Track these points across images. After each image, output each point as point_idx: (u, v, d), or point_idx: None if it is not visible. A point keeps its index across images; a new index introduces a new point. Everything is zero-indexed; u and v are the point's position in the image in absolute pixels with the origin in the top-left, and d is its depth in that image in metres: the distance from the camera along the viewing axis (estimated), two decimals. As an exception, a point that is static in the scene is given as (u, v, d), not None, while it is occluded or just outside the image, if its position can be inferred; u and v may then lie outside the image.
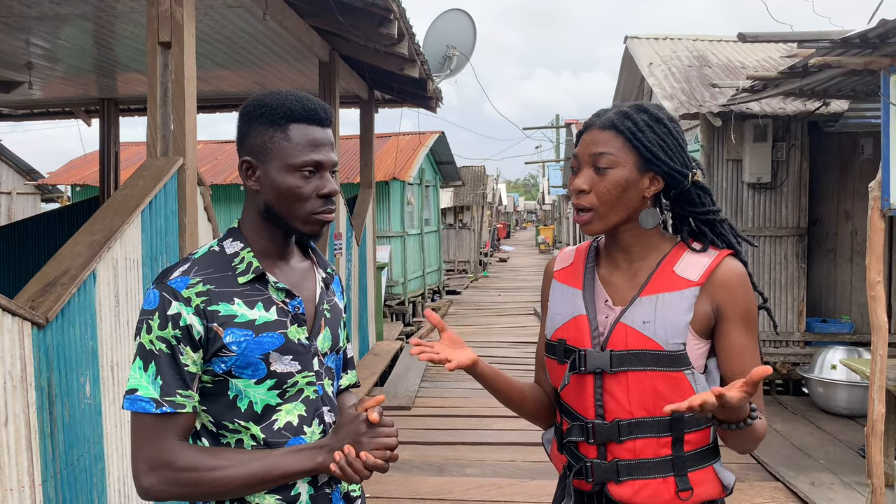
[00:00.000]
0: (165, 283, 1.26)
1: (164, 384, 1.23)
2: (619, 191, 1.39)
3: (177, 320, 1.23)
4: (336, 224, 6.39)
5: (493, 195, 28.33)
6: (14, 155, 16.32)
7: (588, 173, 1.41)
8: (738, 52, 7.98)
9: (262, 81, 7.11)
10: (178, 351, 1.24)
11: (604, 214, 1.41)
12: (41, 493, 2.19)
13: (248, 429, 1.29)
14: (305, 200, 1.29)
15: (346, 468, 1.23)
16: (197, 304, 1.25)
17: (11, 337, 2.09)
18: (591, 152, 1.41)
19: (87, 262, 2.50)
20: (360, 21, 4.90)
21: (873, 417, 3.53)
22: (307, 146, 1.29)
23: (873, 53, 3.69)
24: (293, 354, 1.31)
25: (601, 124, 1.42)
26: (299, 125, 1.29)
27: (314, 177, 1.30)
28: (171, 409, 1.23)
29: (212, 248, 1.34)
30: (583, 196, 1.41)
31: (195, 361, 1.25)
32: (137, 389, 1.23)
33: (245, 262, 1.31)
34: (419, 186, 13.25)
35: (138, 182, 2.97)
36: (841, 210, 6.62)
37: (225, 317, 1.26)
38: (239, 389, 1.28)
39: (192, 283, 1.26)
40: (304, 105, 1.29)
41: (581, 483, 1.45)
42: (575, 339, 1.44)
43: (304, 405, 1.33)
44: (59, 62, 6.32)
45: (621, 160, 1.39)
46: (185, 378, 1.24)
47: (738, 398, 1.18)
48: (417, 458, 4.82)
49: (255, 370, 1.28)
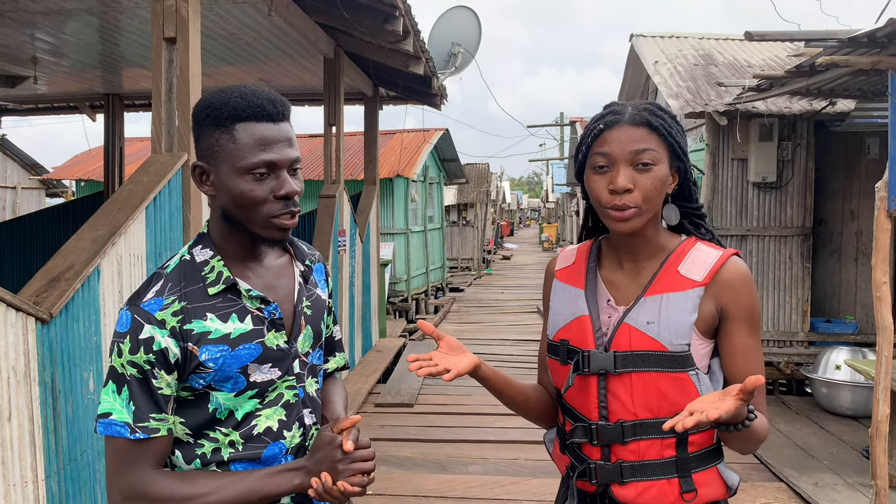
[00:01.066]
0: (138, 305, 1.21)
1: (137, 409, 1.19)
2: (662, 187, 1.38)
3: (149, 344, 1.19)
4: (340, 221, 6.39)
5: (497, 193, 28.32)
6: (19, 150, 16.36)
7: (628, 171, 1.35)
8: (745, 51, 7.95)
9: (266, 77, 7.11)
10: (150, 375, 1.19)
11: (646, 211, 1.37)
12: (44, 489, 2.19)
13: (228, 435, 1.26)
14: (261, 204, 1.21)
15: (324, 495, 1.21)
16: (172, 325, 1.20)
17: (15, 332, 2.09)
18: (633, 149, 1.35)
19: (92, 257, 2.50)
20: (366, 17, 4.90)
21: (878, 418, 3.52)
22: (255, 146, 1.20)
23: (881, 53, 3.67)
24: (272, 361, 1.28)
25: (632, 121, 1.37)
26: (245, 124, 1.20)
27: (269, 178, 1.21)
28: (144, 436, 1.19)
29: (183, 258, 1.29)
30: (627, 195, 1.35)
31: (169, 384, 1.21)
32: (111, 413, 1.19)
33: (215, 271, 1.26)
34: (423, 183, 13.25)
35: (143, 178, 2.97)
36: (846, 210, 6.59)
37: (199, 334, 1.22)
38: (219, 402, 1.25)
39: (167, 303, 1.22)
40: (248, 102, 1.20)
41: (584, 484, 1.45)
42: (578, 339, 1.43)
43: (283, 409, 1.30)
44: (64, 57, 6.33)
45: (661, 156, 1.37)
46: (159, 401, 1.21)
47: (732, 411, 1.17)
48: (420, 456, 4.82)
49: (234, 383, 1.25)
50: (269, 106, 1.21)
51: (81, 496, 2.41)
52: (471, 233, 20.23)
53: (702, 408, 1.18)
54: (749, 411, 1.24)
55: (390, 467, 4.60)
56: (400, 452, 4.85)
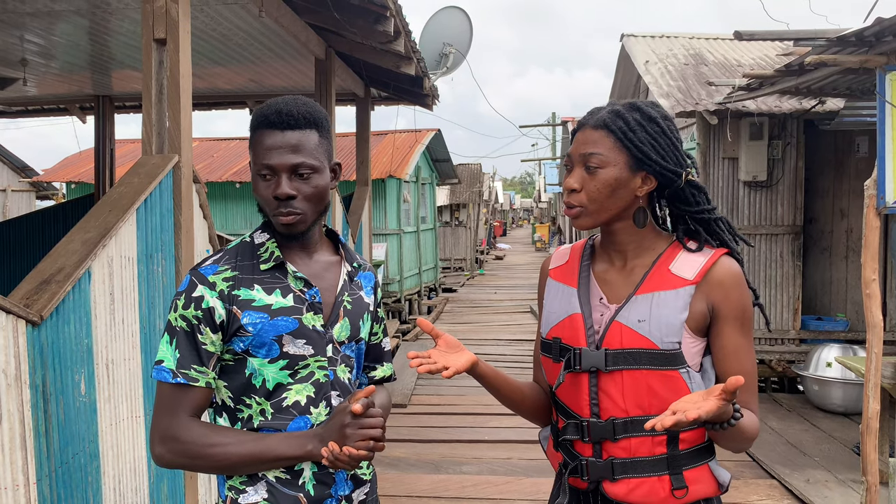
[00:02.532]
0: (198, 269, 1.41)
1: (182, 357, 1.36)
2: (609, 190, 1.40)
3: (199, 302, 1.37)
4: (332, 221, 6.39)
5: (490, 193, 28.32)
6: (8, 152, 16.26)
7: (579, 172, 1.42)
8: (735, 51, 7.99)
9: (257, 79, 7.09)
10: (197, 330, 1.36)
11: (593, 212, 1.42)
12: (36, 492, 2.18)
13: (261, 404, 1.39)
14: (266, 203, 1.41)
15: (335, 462, 1.30)
16: (222, 288, 1.38)
17: (6, 335, 2.08)
18: (582, 152, 1.42)
19: (82, 259, 2.48)
20: (357, 18, 4.89)
21: (868, 415, 3.54)
22: (262, 151, 1.39)
23: (869, 52, 3.70)
24: (306, 339, 1.40)
25: (593, 123, 1.42)
26: (259, 131, 1.40)
27: (271, 181, 1.39)
28: (184, 381, 1.35)
29: (244, 240, 1.47)
30: (573, 195, 1.43)
31: (213, 342, 1.37)
32: (163, 361, 1.37)
33: (269, 251, 1.43)
34: (415, 184, 13.24)
35: (133, 179, 2.96)
36: (836, 208, 6.63)
37: (244, 301, 1.38)
38: (254, 368, 1.39)
39: (221, 269, 1.40)
40: (262, 111, 1.40)
41: (576, 481, 1.45)
42: (570, 337, 1.44)
43: (313, 387, 1.41)
44: (53, 59, 6.29)
45: (611, 160, 1.40)
46: (202, 355, 1.37)
47: (714, 410, 1.18)
48: (413, 456, 4.82)
49: (269, 350, 1.38)
50: (272, 116, 1.39)
51: (73, 499, 2.39)
52: (463, 233, 20.24)
53: (684, 407, 1.19)
54: (735, 410, 1.25)
55: (384, 468, 4.60)
56: (393, 453, 4.85)
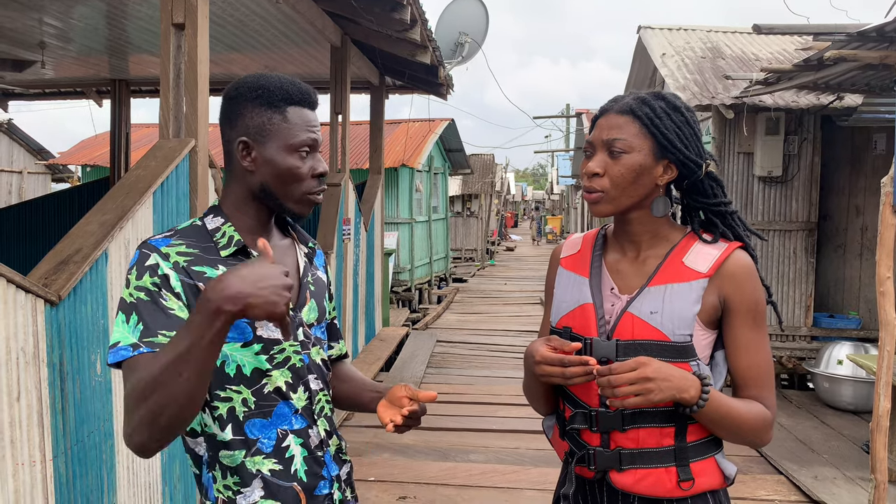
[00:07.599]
0: (147, 241, 1.31)
1: (145, 328, 1.20)
2: (633, 176, 1.39)
3: (154, 269, 1.25)
4: (345, 209, 6.40)
5: (502, 184, 28.27)
6: (25, 134, 16.39)
7: (602, 157, 1.41)
8: (753, 45, 7.91)
9: (272, 65, 7.11)
10: (158, 296, 1.23)
11: (614, 198, 1.41)
12: (52, 469, 2.23)
13: (240, 392, 1.31)
14: (302, 180, 1.35)
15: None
16: (176, 260, 1.27)
17: (24, 314, 2.11)
18: (606, 137, 1.41)
19: (100, 241, 2.51)
20: (373, 5, 4.89)
21: (878, 413, 3.53)
22: (304, 127, 1.35)
23: (890, 48, 3.66)
24: None
25: (618, 109, 1.41)
26: (296, 108, 1.35)
27: (309, 157, 1.36)
28: (147, 350, 1.18)
29: (194, 223, 1.38)
30: (595, 179, 1.41)
31: (181, 307, 1.24)
32: (119, 342, 1.21)
33: (226, 236, 1.35)
34: (428, 174, 13.24)
35: (150, 163, 2.98)
36: (852, 205, 6.58)
37: (209, 278, 1.27)
38: (226, 354, 1.30)
39: (174, 243, 1.30)
40: (299, 88, 1.36)
41: (583, 470, 1.46)
42: (581, 327, 1.44)
43: (290, 372, 1.36)
44: (71, 42, 6.34)
45: (636, 146, 1.39)
46: (171, 318, 1.22)
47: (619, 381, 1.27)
48: (422, 444, 4.86)
49: (241, 332, 1.30)
50: (312, 94, 1.39)
51: (88, 476, 2.44)
52: (475, 224, 20.23)
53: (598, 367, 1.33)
54: (704, 394, 1.31)
55: (392, 454, 4.64)
56: (402, 440, 4.88)
